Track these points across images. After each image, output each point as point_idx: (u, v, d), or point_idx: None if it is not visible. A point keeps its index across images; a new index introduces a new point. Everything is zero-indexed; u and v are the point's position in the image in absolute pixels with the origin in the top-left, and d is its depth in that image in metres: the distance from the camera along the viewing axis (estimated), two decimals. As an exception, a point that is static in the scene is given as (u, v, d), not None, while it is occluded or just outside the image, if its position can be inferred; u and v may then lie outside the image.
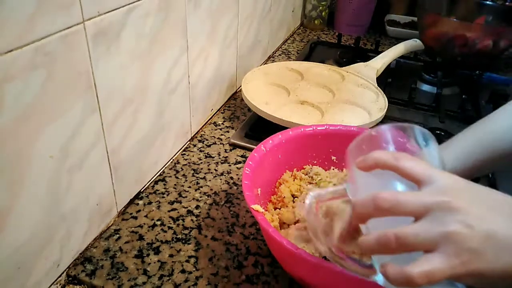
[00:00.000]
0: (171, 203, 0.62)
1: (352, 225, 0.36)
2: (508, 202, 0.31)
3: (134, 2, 0.51)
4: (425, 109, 0.88)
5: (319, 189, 0.44)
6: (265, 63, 1.08)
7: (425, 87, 0.99)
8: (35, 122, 0.41)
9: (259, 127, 0.77)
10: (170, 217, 0.60)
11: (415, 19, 1.25)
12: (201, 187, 0.66)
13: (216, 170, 0.69)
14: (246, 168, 0.52)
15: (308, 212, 0.39)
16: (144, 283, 0.50)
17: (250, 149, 0.74)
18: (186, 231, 0.58)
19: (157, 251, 0.54)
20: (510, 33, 1.00)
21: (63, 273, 0.51)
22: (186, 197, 0.63)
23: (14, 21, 0.36)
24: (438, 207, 0.30)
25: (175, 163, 0.70)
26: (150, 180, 0.66)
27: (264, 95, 0.80)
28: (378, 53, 1.01)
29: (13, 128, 0.39)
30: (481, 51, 0.98)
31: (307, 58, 1.09)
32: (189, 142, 0.76)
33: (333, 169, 0.61)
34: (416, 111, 0.88)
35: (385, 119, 0.78)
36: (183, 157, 0.72)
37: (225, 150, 0.74)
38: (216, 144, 0.76)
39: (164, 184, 0.66)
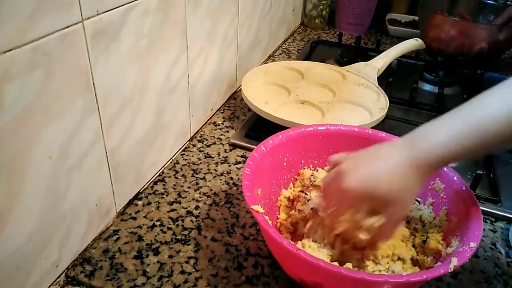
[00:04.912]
0: (171, 203, 0.62)
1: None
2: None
3: (133, 1, 0.51)
4: (426, 109, 0.88)
5: None
6: (265, 63, 1.08)
7: (427, 87, 0.99)
8: (34, 122, 0.41)
9: (259, 127, 0.77)
10: (170, 217, 0.59)
11: (416, 18, 1.25)
12: (201, 187, 0.65)
13: (215, 170, 0.69)
14: (246, 168, 0.51)
15: None
16: (143, 284, 0.50)
17: (250, 149, 0.74)
18: (186, 232, 0.57)
19: (156, 252, 0.54)
20: (511, 32, 0.99)
21: (62, 273, 0.51)
22: (185, 197, 0.63)
23: (13, 20, 0.36)
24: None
25: (174, 163, 0.70)
26: (149, 181, 0.66)
27: (264, 94, 0.79)
28: (379, 52, 1.00)
29: (12, 128, 0.39)
30: (480, 51, 0.97)
31: (308, 57, 1.08)
32: (188, 142, 0.76)
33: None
34: (417, 110, 0.88)
35: (386, 119, 0.78)
36: (182, 157, 0.72)
37: (225, 150, 0.74)
38: (215, 144, 0.76)
39: (164, 185, 0.65)
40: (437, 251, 0.50)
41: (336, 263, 0.50)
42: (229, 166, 0.70)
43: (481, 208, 0.49)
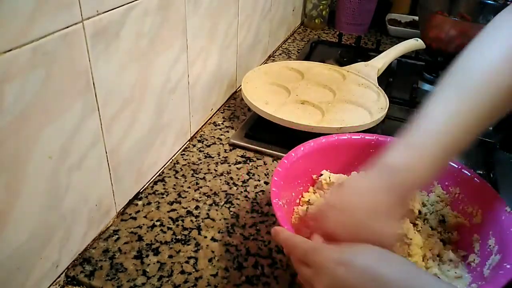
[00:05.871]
0: (171, 203, 0.62)
1: None
2: None
3: (133, 1, 0.51)
4: (426, 109, 0.88)
5: None
6: (265, 63, 1.08)
7: (427, 87, 0.99)
8: (34, 122, 0.41)
9: (259, 127, 0.77)
10: (170, 217, 0.60)
11: (416, 18, 1.25)
12: (201, 187, 0.65)
13: (215, 170, 0.69)
14: (275, 177, 0.51)
15: None
16: (143, 284, 0.50)
17: (250, 149, 0.74)
18: (186, 232, 0.57)
19: (156, 252, 0.54)
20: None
21: (62, 273, 0.51)
22: (185, 197, 0.63)
23: (13, 20, 0.36)
24: None
25: (174, 163, 0.70)
26: (149, 181, 0.66)
27: (264, 94, 0.79)
28: (379, 52, 1.00)
29: (12, 128, 0.39)
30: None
31: (308, 57, 1.08)
32: (188, 142, 0.76)
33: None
34: (417, 110, 0.88)
35: (386, 119, 0.78)
36: (182, 157, 0.72)
37: (225, 150, 0.74)
38: (215, 144, 0.76)
39: (164, 185, 0.65)
40: (461, 224, 0.52)
41: None
42: (229, 166, 0.70)
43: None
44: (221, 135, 0.78)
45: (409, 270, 0.36)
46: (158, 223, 0.58)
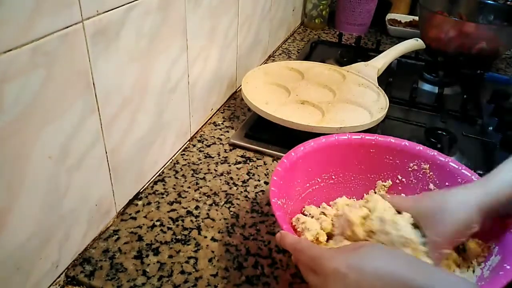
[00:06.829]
0: (171, 203, 0.62)
1: None
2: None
3: (133, 1, 0.51)
4: (426, 109, 0.88)
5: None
6: (265, 63, 1.08)
7: (427, 87, 0.99)
8: (34, 122, 0.41)
9: (259, 127, 0.77)
10: (170, 217, 0.59)
11: (416, 18, 1.25)
12: (201, 187, 0.65)
13: (215, 170, 0.69)
14: (274, 177, 0.50)
15: None
16: (143, 284, 0.50)
17: (250, 149, 0.74)
18: (186, 232, 0.57)
19: (156, 252, 0.54)
20: (511, 32, 0.99)
21: (62, 273, 0.51)
22: (185, 197, 0.63)
23: (13, 20, 0.36)
24: None
25: (174, 163, 0.70)
26: (149, 181, 0.66)
27: (264, 94, 0.79)
28: (379, 52, 1.00)
29: (12, 128, 0.38)
30: (480, 51, 0.97)
31: (308, 57, 1.08)
32: (188, 142, 0.76)
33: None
34: (417, 110, 0.88)
35: (386, 119, 0.78)
36: (182, 157, 0.72)
37: (225, 150, 0.74)
38: (215, 144, 0.76)
39: (164, 185, 0.65)
40: (478, 253, 0.49)
41: None
42: (229, 166, 0.70)
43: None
44: (221, 135, 0.78)
45: (420, 266, 0.37)
46: (158, 223, 0.58)
